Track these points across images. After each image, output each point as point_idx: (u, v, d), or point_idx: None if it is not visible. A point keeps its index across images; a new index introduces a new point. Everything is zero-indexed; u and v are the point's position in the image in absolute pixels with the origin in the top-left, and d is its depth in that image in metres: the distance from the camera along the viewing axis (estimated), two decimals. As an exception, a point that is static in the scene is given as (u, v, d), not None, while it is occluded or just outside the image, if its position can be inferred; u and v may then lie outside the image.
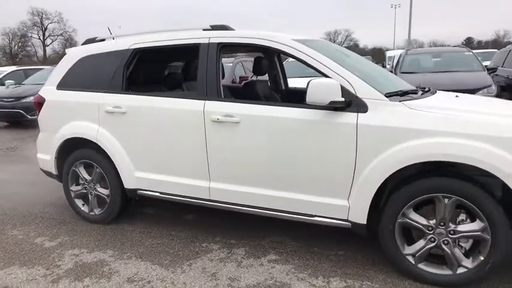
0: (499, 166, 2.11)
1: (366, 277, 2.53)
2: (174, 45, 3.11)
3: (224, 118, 2.74)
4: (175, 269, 2.71)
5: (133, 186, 3.25)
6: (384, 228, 2.44)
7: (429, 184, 2.30)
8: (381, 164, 2.35)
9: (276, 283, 2.50)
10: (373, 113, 2.39)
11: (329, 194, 2.56)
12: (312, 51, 2.62)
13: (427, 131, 2.24)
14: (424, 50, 9.27)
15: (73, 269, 2.76)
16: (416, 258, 2.41)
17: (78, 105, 3.38)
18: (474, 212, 2.24)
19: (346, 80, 2.47)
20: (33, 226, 3.53)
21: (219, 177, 2.89)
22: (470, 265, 2.30)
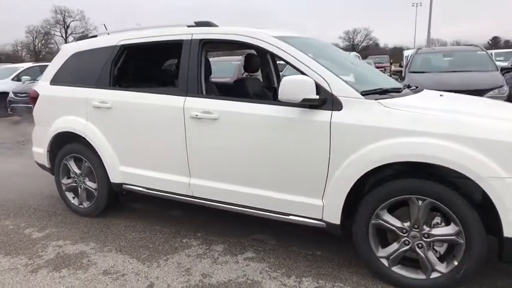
0: (472, 168, 2.03)
1: (339, 278, 2.48)
2: (160, 42, 3.13)
3: (203, 115, 2.74)
4: (151, 263, 2.73)
5: (119, 181, 3.29)
6: (358, 230, 2.39)
7: (402, 185, 2.23)
8: (353, 163, 2.30)
9: (247, 281, 2.48)
10: (348, 111, 2.34)
11: (304, 193, 2.52)
12: (290, 48, 2.59)
13: (400, 130, 2.18)
14: (435, 49, 9.03)
15: (54, 259, 2.81)
16: (390, 261, 2.35)
17: (68, 100, 3.45)
18: (449, 215, 2.17)
19: (322, 78, 2.43)
20: (26, 217, 3.62)
21: (199, 174, 2.89)
22: (444, 270, 2.23)
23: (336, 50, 3.46)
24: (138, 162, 3.17)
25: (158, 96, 2.98)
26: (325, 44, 3.40)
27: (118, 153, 3.24)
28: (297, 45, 2.66)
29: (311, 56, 2.55)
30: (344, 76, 2.72)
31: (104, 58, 3.33)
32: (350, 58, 3.35)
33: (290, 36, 2.85)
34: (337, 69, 2.71)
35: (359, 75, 2.89)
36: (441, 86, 6.86)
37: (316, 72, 2.45)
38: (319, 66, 2.48)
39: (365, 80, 2.80)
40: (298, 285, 2.43)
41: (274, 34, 2.72)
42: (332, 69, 2.52)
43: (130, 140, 3.15)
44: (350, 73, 3.00)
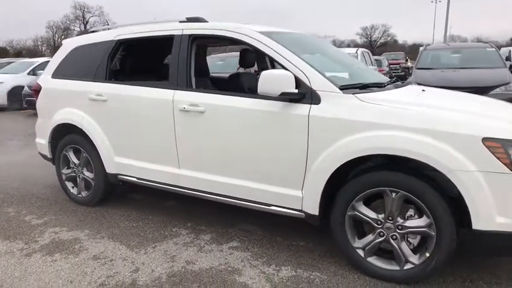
0: (441, 161, 2.06)
1: (317, 268, 2.55)
2: (154, 37, 3.23)
3: (190, 107, 2.84)
4: (139, 250, 2.85)
5: (114, 171, 3.42)
6: (335, 220, 2.45)
7: (376, 178, 2.28)
8: (329, 156, 2.35)
9: (227, 268, 2.57)
10: (325, 104, 2.40)
11: (284, 184, 2.59)
12: (273, 43, 2.65)
13: (372, 124, 2.22)
14: (444, 45, 8.91)
15: (48, 244, 2.96)
16: (365, 251, 2.41)
17: (68, 93, 3.59)
18: (421, 208, 2.21)
19: (303, 72, 2.49)
20: (28, 205, 3.79)
21: (187, 165, 2.99)
22: (417, 261, 2.27)
23: (328, 47, 3.50)
24: (131, 153, 3.29)
25: (150, 89, 3.09)
26: (315, 41, 3.45)
27: (113, 145, 3.37)
28: (281, 40, 2.73)
29: (294, 51, 2.61)
30: (330, 71, 2.79)
31: (101, 52, 3.46)
32: (341, 54, 3.39)
33: (276, 32, 2.91)
34: (323, 64, 2.76)
35: (344, 71, 2.93)
36: (446, 82, 6.81)
37: (297, 67, 2.51)
38: (300, 61, 2.54)
39: (350, 75, 2.84)
40: (276, 273, 2.51)
41: (260, 29, 2.79)
42: (315, 64, 2.57)
43: (124, 132, 3.27)
44: (337, 68, 3.06)
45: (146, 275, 2.52)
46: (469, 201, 2.06)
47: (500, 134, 2.02)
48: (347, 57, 3.49)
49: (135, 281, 2.45)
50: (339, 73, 3.09)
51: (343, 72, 3.13)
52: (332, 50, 3.48)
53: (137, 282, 2.44)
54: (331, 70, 3.03)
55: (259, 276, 2.47)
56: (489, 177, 2.02)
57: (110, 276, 2.51)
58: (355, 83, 2.59)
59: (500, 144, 2.01)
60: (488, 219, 2.05)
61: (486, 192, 2.03)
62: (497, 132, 2.03)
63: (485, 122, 2.09)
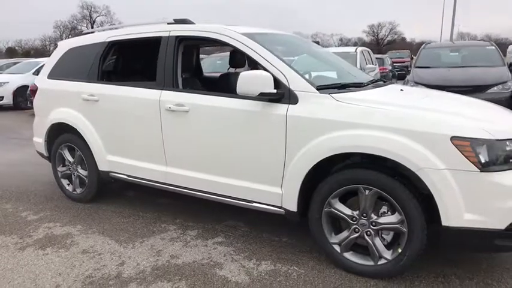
0: (411, 159, 2.12)
1: (296, 263, 2.63)
2: (143, 38, 3.33)
3: (176, 107, 2.93)
4: (127, 244, 2.95)
5: (106, 169, 3.53)
6: (312, 216, 2.53)
7: (350, 175, 2.35)
8: (306, 154, 2.43)
9: (210, 262, 2.66)
10: (302, 104, 2.47)
11: (265, 181, 2.67)
12: (254, 44, 2.72)
13: (346, 123, 2.29)
14: (443, 44, 8.89)
15: (42, 239, 3.08)
16: (342, 247, 2.48)
17: (62, 93, 3.71)
18: (393, 205, 2.27)
19: (282, 73, 2.56)
20: (25, 201, 3.92)
21: (173, 163, 3.08)
22: (390, 257, 2.34)
23: (313, 47, 3.56)
24: (122, 151, 3.39)
25: (139, 89, 3.19)
26: (301, 42, 3.52)
27: (105, 143, 3.48)
28: (264, 41, 2.80)
29: (274, 52, 2.68)
30: (314, 71, 2.86)
31: (94, 53, 3.57)
32: (326, 54, 3.45)
33: (260, 33, 2.99)
34: (307, 64, 2.83)
35: (326, 71, 3.00)
36: (444, 81, 6.83)
37: (276, 68, 2.59)
38: (279, 62, 2.61)
39: (329, 76, 2.91)
40: (256, 267, 2.59)
41: (243, 31, 2.87)
42: (297, 65, 2.65)
43: (115, 131, 3.37)
44: (321, 68, 3.13)
45: (131, 268, 2.62)
46: (438, 198, 2.12)
47: (469, 133, 2.08)
48: (332, 57, 3.55)
49: (120, 273, 2.56)
50: (324, 72, 3.17)
51: (329, 72, 3.21)
52: (317, 50, 3.55)
53: (122, 274, 2.54)
54: (315, 70, 3.11)
55: (239, 270, 2.55)
56: (457, 175, 2.08)
57: (97, 269, 2.61)
58: (334, 83, 2.66)
59: (469, 143, 2.06)
60: (456, 216, 2.11)
61: (454, 190, 2.09)
62: (465, 131, 2.08)
63: (455, 121, 2.14)
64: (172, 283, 2.43)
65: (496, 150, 2.09)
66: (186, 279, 2.47)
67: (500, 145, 2.10)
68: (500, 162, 2.09)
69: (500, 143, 2.10)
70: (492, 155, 2.08)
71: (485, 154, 2.07)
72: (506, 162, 2.11)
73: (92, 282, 2.47)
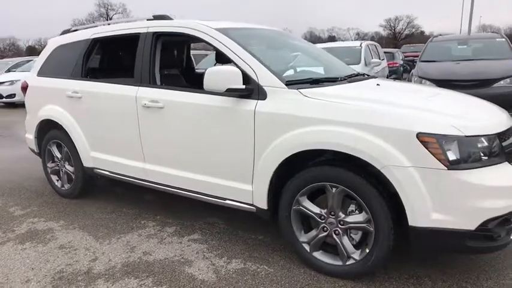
0: (375, 156, 2.05)
1: (267, 261, 2.58)
2: (124, 35, 3.32)
3: (151, 103, 2.91)
4: (104, 240, 2.97)
5: (90, 165, 3.55)
6: (282, 215, 2.47)
7: (317, 173, 2.29)
8: (272, 151, 2.38)
9: (181, 259, 2.64)
10: (271, 100, 2.41)
11: (236, 179, 2.63)
12: (227, 40, 2.68)
13: (312, 119, 2.23)
14: (451, 37, 8.60)
15: (23, 234, 3.13)
16: (311, 246, 2.42)
17: (49, 90, 3.75)
18: (360, 203, 2.20)
19: (252, 68, 2.51)
20: (16, 197, 3.99)
21: (151, 159, 3.07)
22: (358, 257, 2.26)
23: (297, 42, 3.49)
24: (104, 148, 3.41)
25: (118, 86, 3.19)
26: (284, 37, 3.45)
27: (88, 140, 3.50)
28: (237, 37, 2.75)
29: (247, 48, 2.63)
30: (296, 67, 2.79)
31: (79, 51, 3.59)
32: (310, 49, 3.38)
33: (235, 28, 2.94)
34: (284, 60, 2.76)
35: (301, 66, 2.93)
36: (448, 75, 6.63)
37: (246, 63, 2.54)
38: (250, 57, 2.56)
39: (308, 70, 2.84)
40: (226, 265, 2.56)
41: (217, 26, 2.82)
42: (264, 60, 2.58)
43: (98, 128, 3.39)
44: (302, 64, 3.06)
45: (103, 264, 2.63)
46: (403, 197, 2.04)
47: (436, 129, 1.98)
48: (316, 52, 3.47)
49: (90, 269, 2.57)
50: (310, 68, 3.10)
51: (314, 67, 3.13)
52: (302, 45, 3.47)
53: (92, 270, 2.55)
54: (296, 65, 3.05)
55: (207, 268, 2.53)
56: (424, 173, 1.99)
57: (69, 265, 2.63)
58: (306, 78, 2.59)
59: (435, 140, 1.97)
60: (423, 215, 2.02)
61: (421, 189, 2.00)
62: (432, 127, 1.99)
63: (423, 117, 2.05)
64: (139, 280, 2.43)
65: (465, 147, 1.99)
66: (153, 276, 2.46)
67: (470, 142, 2.00)
68: (470, 160, 1.99)
69: (470, 140, 2.00)
70: (461, 152, 1.98)
71: (453, 151, 1.98)
72: (476, 160, 2.01)
73: (62, 277, 2.49)
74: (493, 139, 2.07)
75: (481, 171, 2.00)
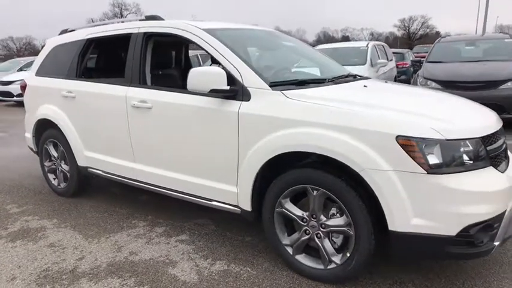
0: (354, 159, 2.01)
1: (251, 263, 2.57)
2: (117, 35, 3.34)
3: (140, 104, 2.93)
4: (93, 239, 2.99)
5: (84, 164, 3.59)
6: (265, 217, 2.46)
7: (298, 175, 2.26)
8: (255, 153, 2.36)
9: (165, 260, 2.65)
10: (254, 101, 2.40)
11: (222, 180, 2.62)
12: (213, 40, 2.67)
13: (292, 121, 2.21)
14: (460, 37, 8.43)
15: (16, 232, 3.17)
16: (293, 249, 2.40)
17: (46, 90, 3.80)
18: (341, 206, 2.17)
19: (237, 69, 2.50)
20: (14, 195, 4.06)
21: (140, 159, 3.09)
22: (339, 261, 2.23)
23: (289, 42, 3.47)
24: (97, 147, 3.44)
25: (110, 86, 3.21)
26: (276, 37, 3.42)
27: (83, 139, 3.54)
28: (225, 38, 2.74)
29: (233, 49, 2.62)
30: (284, 68, 2.77)
31: (74, 51, 3.63)
32: (301, 50, 3.35)
33: (223, 29, 2.93)
34: (274, 61, 2.74)
35: (287, 67, 2.91)
36: (454, 76, 6.52)
37: (231, 64, 2.53)
38: (235, 58, 2.55)
39: (297, 70, 2.81)
40: (209, 266, 2.55)
41: (204, 27, 2.82)
42: (249, 61, 2.57)
43: (91, 127, 3.42)
44: (291, 65, 3.04)
45: (88, 263, 2.65)
46: (382, 201, 2.00)
47: (416, 132, 1.94)
48: (307, 52, 3.44)
49: (75, 268, 2.59)
50: (303, 68, 3.08)
51: (302, 68, 3.11)
52: (293, 45, 3.44)
53: (77, 269, 2.57)
54: (285, 66, 3.03)
55: (191, 269, 2.52)
56: (403, 177, 1.95)
57: (56, 263, 2.66)
58: (291, 79, 2.56)
59: (415, 143, 1.93)
60: (403, 220, 1.98)
61: (400, 193, 1.96)
62: (412, 130, 1.95)
63: (403, 120, 2.01)
64: (122, 279, 2.44)
65: (446, 151, 1.94)
66: (136, 276, 2.47)
67: (452, 146, 1.96)
68: (451, 164, 1.95)
69: (452, 144, 1.95)
70: (442, 156, 1.94)
71: (434, 155, 1.93)
72: (458, 164, 1.96)
73: (47, 276, 2.51)
74: (476, 143, 2.02)
75: (463, 175, 1.95)
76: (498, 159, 2.20)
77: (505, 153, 2.35)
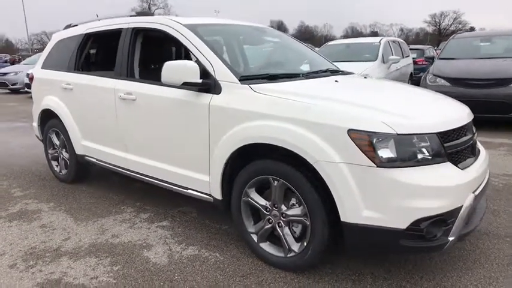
0: (308, 150, 2.08)
1: (221, 250, 2.68)
2: (112, 30, 3.51)
3: (126, 96, 3.09)
4: (81, 222, 3.19)
5: (82, 153, 3.80)
6: (233, 205, 2.56)
7: (261, 166, 2.35)
8: (223, 144, 2.46)
9: (143, 243, 2.80)
10: (224, 94, 2.50)
11: (196, 169, 2.74)
12: (191, 35, 2.78)
13: (255, 113, 2.29)
14: (476, 33, 8.18)
15: (15, 213, 3.42)
16: (258, 236, 2.49)
17: (49, 82, 4.04)
18: (298, 197, 2.24)
19: (210, 63, 2.60)
20: (21, 180, 4.34)
21: (127, 148, 3.25)
22: (297, 250, 2.31)
23: (273, 38, 3.54)
24: (92, 137, 3.64)
25: (102, 78, 3.39)
26: (260, 32, 3.50)
27: (80, 129, 3.74)
28: (205, 33, 2.85)
29: (209, 44, 2.72)
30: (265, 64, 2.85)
31: (74, 45, 3.84)
32: (285, 45, 3.41)
33: (205, 24, 3.04)
34: (249, 56, 2.83)
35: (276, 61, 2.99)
36: (463, 74, 6.38)
37: (206, 58, 2.64)
38: (210, 53, 2.65)
39: (275, 65, 2.89)
40: (181, 251, 2.69)
41: (186, 22, 2.93)
42: (223, 55, 2.67)
43: (86, 117, 3.62)
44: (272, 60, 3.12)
45: (72, 243, 2.84)
46: (334, 192, 2.06)
47: (367, 126, 1.99)
48: (292, 48, 3.49)
49: (60, 247, 2.78)
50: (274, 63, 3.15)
51: (280, 63, 3.18)
52: (277, 41, 3.51)
53: (61, 248, 2.77)
54: (263, 61, 3.10)
55: (164, 253, 2.67)
56: (354, 170, 2.00)
57: (43, 242, 2.87)
58: (263, 73, 2.64)
59: (367, 137, 1.98)
60: (354, 212, 2.04)
61: (351, 185, 2.01)
62: (364, 124, 2.00)
63: (356, 114, 2.05)
64: (99, 259, 2.61)
65: (397, 145, 1.98)
66: (112, 256, 2.63)
67: (403, 140, 1.99)
68: (402, 159, 1.98)
69: (403, 138, 1.99)
70: (393, 150, 1.98)
71: (385, 149, 1.97)
72: (410, 158, 2.00)
73: (33, 253, 2.72)
74: (431, 138, 2.04)
75: (415, 170, 1.98)
76: (460, 155, 2.21)
77: (471, 149, 2.35)
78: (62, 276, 2.41)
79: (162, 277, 2.38)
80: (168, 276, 2.39)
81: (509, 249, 2.60)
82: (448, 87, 6.37)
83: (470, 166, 2.23)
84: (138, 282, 2.34)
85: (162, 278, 2.37)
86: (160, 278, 2.38)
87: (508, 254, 2.55)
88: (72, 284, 2.33)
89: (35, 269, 2.50)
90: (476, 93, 6.09)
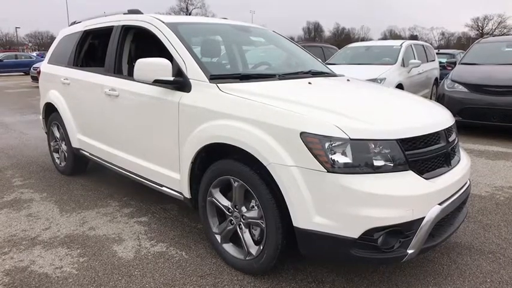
0: (262, 152, 2.03)
1: (189, 248, 2.68)
2: (105, 27, 3.60)
3: (110, 92, 3.15)
4: (66, 213, 3.28)
5: (77, 146, 3.92)
6: (200, 204, 2.55)
7: (222, 166, 2.32)
8: (190, 142, 2.46)
9: (116, 238, 2.84)
10: (193, 93, 2.49)
11: (169, 167, 2.75)
12: (170, 33, 2.79)
13: (217, 113, 2.27)
14: (500, 38, 7.71)
15: (8, 201, 3.57)
16: (221, 237, 2.47)
17: (52, 76, 4.19)
18: (256, 199, 2.19)
19: (183, 61, 2.61)
20: (25, 170, 4.53)
21: (112, 143, 3.32)
22: (255, 253, 2.27)
23: (258, 38, 3.51)
24: (85, 131, 3.74)
25: (93, 74, 3.48)
26: (245, 32, 3.47)
27: (76, 123, 3.86)
28: (185, 31, 2.86)
29: (184, 42, 2.72)
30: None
31: (74, 41, 3.97)
32: (272, 45, 3.37)
33: (187, 23, 3.05)
34: (227, 55, 2.81)
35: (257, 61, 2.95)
36: (482, 80, 6.08)
37: (180, 56, 2.64)
38: (184, 51, 2.65)
39: (253, 64, 2.85)
40: (150, 247, 2.70)
41: (168, 21, 2.95)
42: (210, 55, 2.67)
43: (80, 112, 3.73)
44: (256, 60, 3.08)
45: (51, 233, 2.93)
46: (286, 196, 2.00)
47: (319, 129, 1.92)
48: (278, 47, 3.44)
49: (37, 236, 2.88)
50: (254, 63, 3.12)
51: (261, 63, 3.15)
52: (262, 41, 3.46)
53: (38, 237, 2.86)
54: (240, 60, 3.07)
55: (132, 248, 2.69)
56: (306, 174, 1.94)
57: (24, 230, 2.97)
58: (235, 73, 2.62)
59: (318, 140, 1.91)
60: (305, 217, 1.97)
61: (302, 190, 1.95)
62: (316, 127, 1.92)
63: (310, 117, 1.97)
64: (69, 250, 2.67)
65: (350, 150, 1.90)
66: (82, 248, 2.69)
67: (357, 146, 1.90)
68: (355, 165, 1.90)
69: (357, 143, 1.90)
70: (348, 155, 1.90)
71: (338, 154, 1.90)
72: (365, 165, 1.91)
73: (11, 240, 2.83)
74: (390, 145, 1.94)
75: (369, 177, 1.89)
76: (428, 163, 2.09)
77: (445, 158, 2.22)
78: (30, 265, 2.49)
79: (122, 271, 2.40)
80: (129, 271, 2.41)
81: (488, 266, 2.44)
82: (466, 93, 6.08)
83: (439, 176, 2.10)
84: (98, 275, 2.37)
85: (122, 272, 2.40)
86: (121, 272, 2.40)
87: (485, 271, 2.38)
88: (36, 272, 2.40)
89: (6, 256, 2.59)
90: (496, 101, 5.77)
